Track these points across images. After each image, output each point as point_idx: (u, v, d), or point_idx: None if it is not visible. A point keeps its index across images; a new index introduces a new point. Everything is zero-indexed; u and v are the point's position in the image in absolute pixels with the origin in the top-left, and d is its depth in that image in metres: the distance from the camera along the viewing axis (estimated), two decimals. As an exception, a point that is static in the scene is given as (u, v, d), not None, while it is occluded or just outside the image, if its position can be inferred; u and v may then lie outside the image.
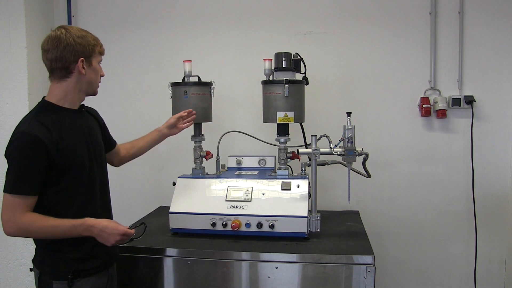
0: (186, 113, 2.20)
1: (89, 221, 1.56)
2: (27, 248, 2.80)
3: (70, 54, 1.58)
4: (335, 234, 2.18)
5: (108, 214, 1.80)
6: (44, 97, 1.67)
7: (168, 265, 1.98)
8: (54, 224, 1.53)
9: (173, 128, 2.19)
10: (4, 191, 1.51)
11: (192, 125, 2.41)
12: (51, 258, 1.63)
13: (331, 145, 2.08)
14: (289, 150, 2.35)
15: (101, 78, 1.74)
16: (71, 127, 1.63)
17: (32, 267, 1.68)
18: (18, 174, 1.51)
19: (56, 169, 1.55)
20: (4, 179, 1.52)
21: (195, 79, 2.36)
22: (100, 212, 1.70)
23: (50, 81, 1.65)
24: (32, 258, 1.69)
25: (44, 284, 1.62)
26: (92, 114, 1.85)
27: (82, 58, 1.60)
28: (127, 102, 3.07)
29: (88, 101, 1.80)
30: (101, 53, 1.71)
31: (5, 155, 1.54)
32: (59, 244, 1.59)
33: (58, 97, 1.63)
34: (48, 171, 1.53)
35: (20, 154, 1.50)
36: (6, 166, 1.53)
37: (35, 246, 1.68)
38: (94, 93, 1.74)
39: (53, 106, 1.63)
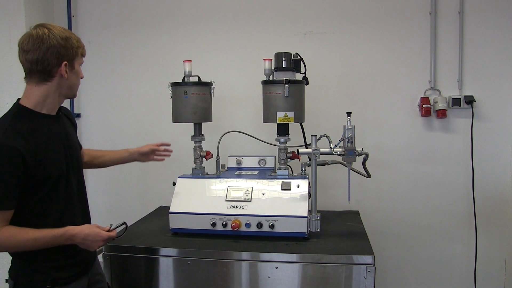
0: (163, 148, 2.13)
1: (71, 230, 1.50)
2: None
3: (53, 57, 1.48)
4: (335, 234, 2.18)
5: (86, 218, 1.74)
6: (18, 99, 1.56)
7: (168, 265, 1.98)
8: (34, 236, 1.46)
9: (143, 156, 2.11)
10: None
11: (193, 124, 2.42)
12: (27, 268, 1.55)
13: (331, 145, 2.08)
14: (289, 150, 2.35)
15: (81, 79, 1.64)
16: (48, 135, 1.54)
17: (7, 278, 1.60)
18: None
19: (34, 180, 1.47)
20: None
21: (195, 79, 2.36)
22: (78, 217, 1.66)
23: (26, 83, 1.53)
24: (8, 268, 1.60)
25: None
26: (67, 116, 1.74)
27: (65, 62, 1.50)
28: (127, 102, 3.07)
29: (89, 101, 1.79)
30: (83, 55, 1.61)
31: None
32: (35, 253, 1.51)
33: (35, 101, 1.52)
34: (26, 182, 1.45)
35: None
36: None
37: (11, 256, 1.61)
38: (73, 96, 1.66)
39: (30, 112, 1.51)
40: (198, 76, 2.37)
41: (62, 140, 1.61)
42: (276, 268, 1.89)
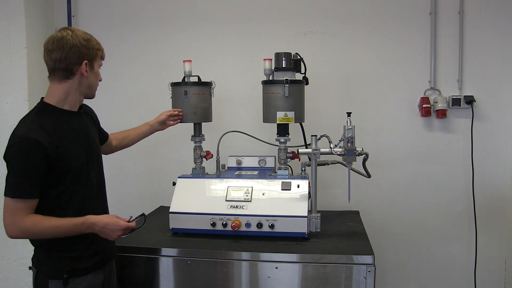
0: (176, 112, 2.30)
1: (91, 219, 1.58)
2: (27, 248, 2.76)
3: (75, 56, 1.59)
4: (335, 234, 2.18)
5: (105, 212, 1.82)
6: (42, 98, 1.66)
7: (168, 265, 1.98)
8: (56, 224, 1.55)
9: (162, 124, 2.29)
10: (5, 195, 1.52)
11: (193, 124, 2.42)
12: (46, 257, 1.64)
13: (331, 145, 2.08)
14: (289, 150, 2.35)
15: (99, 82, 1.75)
16: (70, 130, 1.64)
17: (30, 266, 1.70)
18: (18, 178, 1.51)
19: (55, 172, 1.56)
20: (5, 183, 1.53)
21: (195, 79, 2.36)
22: (97, 210, 1.71)
23: (50, 81, 1.65)
24: (32, 257, 1.70)
25: (40, 283, 1.64)
26: (88, 113, 1.85)
27: (86, 61, 1.62)
28: (127, 102, 3.07)
29: (89, 101, 1.80)
30: (102, 58, 1.73)
31: (5, 159, 1.55)
32: (54, 243, 1.60)
33: (58, 98, 1.63)
34: (47, 174, 1.54)
35: (20, 159, 1.51)
36: (5, 168, 1.53)
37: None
38: (92, 97, 1.75)
39: (52, 108, 1.62)
40: (198, 76, 2.37)
41: (83, 135, 1.71)
42: (276, 268, 1.89)
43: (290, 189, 2.14)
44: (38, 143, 1.50)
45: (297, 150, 2.21)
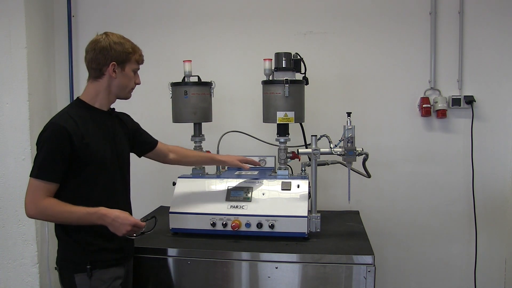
0: (245, 164, 2.26)
1: (103, 210, 1.63)
2: (27, 248, 2.80)
3: (103, 57, 1.69)
4: (335, 234, 2.18)
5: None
6: (78, 96, 1.78)
7: (168, 265, 1.98)
8: (70, 210, 1.61)
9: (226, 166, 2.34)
10: (30, 175, 1.62)
11: (193, 124, 2.42)
12: (70, 251, 1.71)
13: (331, 145, 2.08)
14: (289, 150, 2.35)
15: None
16: (97, 126, 1.73)
17: (56, 267, 1.76)
18: (44, 160, 1.61)
19: (78, 161, 1.64)
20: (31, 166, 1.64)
21: (195, 79, 2.36)
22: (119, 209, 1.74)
23: (87, 81, 1.77)
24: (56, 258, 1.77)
25: (66, 279, 1.70)
26: (122, 119, 1.93)
27: (114, 63, 1.70)
28: (127, 101, 3.05)
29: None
30: (139, 61, 1.80)
31: (36, 143, 1.65)
32: (75, 236, 1.68)
33: (90, 96, 1.75)
34: (71, 162, 1.63)
35: (47, 142, 1.61)
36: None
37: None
38: (125, 98, 1.84)
39: (84, 104, 1.74)
40: (198, 76, 2.37)
41: (109, 133, 1.79)
42: (276, 268, 1.89)
43: (290, 189, 2.14)
44: (65, 129, 1.60)
45: (297, 150, 2.21)
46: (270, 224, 2.04)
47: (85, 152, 1.65)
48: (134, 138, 2.00)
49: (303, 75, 2.35)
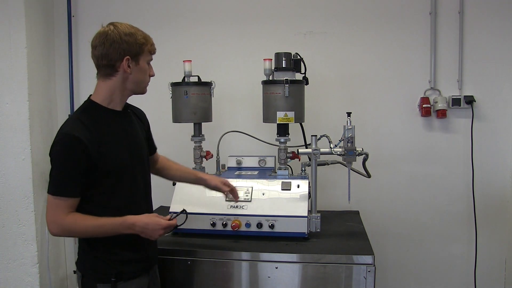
0: (229, 192, 2.03)
1: (129, 219, 1.54)
2: (27, 248, 2.79)
3: (115, 52, 1.53)
4: (335, 234, 2.18)
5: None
6: (90, 95, 1.64)
7: (168, 265, 1.97)
8: (96, 224, 1.53)
9: (210, 187, 2.02)
10: (48, 193, 1.52)
11: (193, 124, 2.42)
12: (93, 261, 1.62)
13: (331, 145, 2.08)
14: (289, 150, 2.35)
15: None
16: (113, 130, 1.61)
17: (75, 270, 1.70)
18: (60, 176, 1.50)
19: (97, 171, 1.52)
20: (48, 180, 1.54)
21: (195, 79, 2.37)
22: (142, 213, 1.66)
23: (97, 79, 1.62)
24: (76, 260, 1.70)
25: (87, 286, 1.62)
26: (138, 115, 1.81)
27: (127, 57, 1.55)
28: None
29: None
30: (151, 52, 1.65)
31: (50, 155, 1.53)
32: (102, 247, 1.60)
33: (103, 96, 1.60)
34: (90, 173, 1.51)
35: (62, 156, 1.50)
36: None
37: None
38: (142, 92, 1.69)
39: (97, 106, 1.59)
40: (198, 76, 2.38)
41: (126, 135, 1.66)
42: (276, 268, 1.89)
43: (290, 189, 2.14)
44: (80, 140, 1.47)
45: (297, 150, 2.21)
46: (270, 224, 2.04)
47: (103, 160, 1.52)
48: (147, 137, 1.88)
49: (303, 75, 2.35)
